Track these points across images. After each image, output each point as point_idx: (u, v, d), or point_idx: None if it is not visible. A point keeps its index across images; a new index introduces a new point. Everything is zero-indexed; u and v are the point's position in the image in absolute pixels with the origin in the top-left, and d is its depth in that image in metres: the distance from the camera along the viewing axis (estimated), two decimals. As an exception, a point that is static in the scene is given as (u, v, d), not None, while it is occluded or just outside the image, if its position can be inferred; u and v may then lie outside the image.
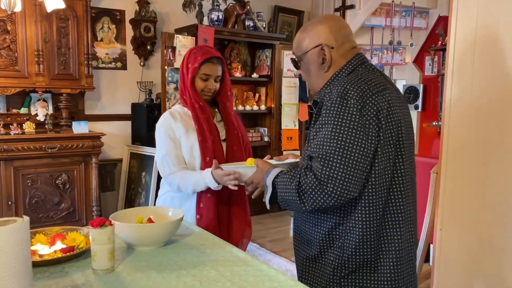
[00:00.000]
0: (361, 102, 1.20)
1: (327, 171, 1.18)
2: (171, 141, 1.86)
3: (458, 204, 1.96)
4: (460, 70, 1.90)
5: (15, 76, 3.52)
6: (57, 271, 1.19)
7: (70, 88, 3.72)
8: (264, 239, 4.07)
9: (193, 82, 1.88)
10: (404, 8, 5.22)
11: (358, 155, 1.19)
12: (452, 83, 1.93)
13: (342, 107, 1.21)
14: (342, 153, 1.18)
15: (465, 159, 1.93)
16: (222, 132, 1.94)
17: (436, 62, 5.07)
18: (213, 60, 1.87)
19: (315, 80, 1.41)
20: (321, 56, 1.35)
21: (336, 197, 1.19)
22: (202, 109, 1.87)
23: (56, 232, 1.40)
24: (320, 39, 1.35)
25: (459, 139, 1.94)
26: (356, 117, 1.19)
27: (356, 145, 1.19)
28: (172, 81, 4.08)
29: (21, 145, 3.39)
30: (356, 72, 1.33)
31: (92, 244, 1.18)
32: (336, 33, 1.36)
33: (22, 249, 0.84)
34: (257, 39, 4.73)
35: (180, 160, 1.86)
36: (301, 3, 5.58)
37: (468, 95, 1.88)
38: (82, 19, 3.72)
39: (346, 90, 1.23)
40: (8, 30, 3.46)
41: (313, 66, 1.38)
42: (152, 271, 1.19)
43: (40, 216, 3.54)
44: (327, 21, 1.39)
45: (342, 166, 1.18)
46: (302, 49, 1.39)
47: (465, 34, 1.87)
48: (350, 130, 1.19)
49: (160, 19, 4.45)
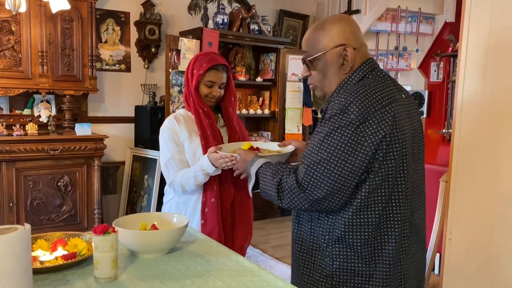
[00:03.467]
0: (361, 118, 1.18)
1: (308, 178, 1.22)
2: (175, 145, 1.88)
3: (468, 214, 1.92)
4: (472, 76, 1.87)
5: (19, 77, 3.50)
6: (58, 279, 1.15)
7: (73, 90, 3.70)
8: (266, 245, 4.02)
9: (197, 88, 1.89)
10: (410, 14, 5.20)
11: (342, 169, 1.19)
12: (463, 90, 1.89)
13: (341, 120, 1.19)
14: (326, 164, 1.20)
15: (475, 168, 1.89)
16: (225, 137, 1.95)
17: (442, 68, 5.04)
18: (218, 68, 1.88)
19: (330, 81, 1.33)
20: (341, 56, 1.29)
21: (311, 203, 1.23)
22: (206, 114, 1.89)
23: (57, 237, 1.36)
24: (342, 38, 1.29)
25: (469, 147, 1.90)
26: (350, 131, 1.18)
27: (341, 159, 1.18)
28: (176, 84, 4.05)
29: (23, 146, 3.36)
30: (366, 80, 1.28)
31: (95, 251, 1.14)
32: (357, 34, 1.32)
33: (22, 259, 0.80)
34: (261, 43, 4.70)
35: (184, 164, 1.87)
36: (306, 8, 5.57)
37: (480, 102, 1.85)
38: (86, 21, 3.70)
39: (348, 103, 1.19)
40: (12, 31, 3.44)
41: (332, 67, 1.31)
42: (156, 280, 1.15)
43: (41, 219, 3.51)
44: (346, 20, 1.33)
45: (322, 177, 1.20)
46: (319, 48, 1.30)
47: (477, 39, 1.83)
48: (339, 144, 1.19)
49: (165, 21, 4.43)
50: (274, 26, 5.06)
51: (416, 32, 5.24)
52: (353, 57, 1.28)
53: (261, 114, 4.88)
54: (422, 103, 5.15)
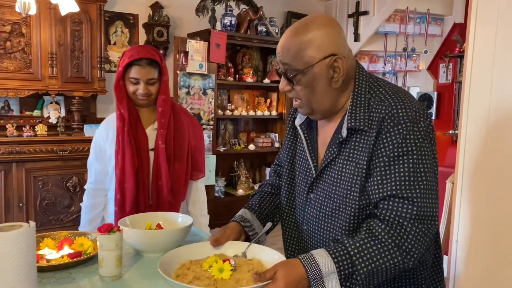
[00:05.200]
0: (427, 124, 1.08)
1: (424, 211, 1.03)
2: (96, 151, 1.90)
3: (475, 215, 1.91)
4: (479, 77, 1.86)
5: (29, 79, 3.54)
6: (63, 277, 1.17)
7: (82, 91, 3.74)
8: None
9: (117, 87, 1.78)
10: (418, 15, 5.17)
11: (436, 186, 1.09)
12: (470, 91, 1.88)
13: (418, 133, 1.06)
14: (429, 188, 1.05)
15: (482, 169, 1.88)
16: (152, 142, 1.83)
17: (451, 70, 5.00)
18: (140, 63, 1.73)
19: (320, 98, 1.13)
20: (331, 68, 1.10)
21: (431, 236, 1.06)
22: (124, 116, 1.78)
23: (64, 236, 1.38)
24: (331, 47, 1.09)
25: (476, 148, 1.89)
26: (426, 142, 1.07)
27: (433, 172, 1.08)
28: (184, 85, 4.08)
29: (33, 147, 3.41)
30: (378, 81, 1.17)
31: (100, 250, 1.16)
32: (344, 39, 1.13)
33: (28, 256, 0.81)
34: (269, 44, 4.71)
35: (100, 174, 1.89)
36: (314, 9, 5.56)
37: (486, 103, 1.83)
38: (95, 23, 3.74)
39: (415, 111, 1.07)
40: (22, 33, 3.49)
41: (321, 81, 1.11)
42: (159, 279, 1.16)
43: (50, 219, 3.55)
44: (333, 23, 1.12)
45: (433, 202, 1.05)
46: (305, 60, 1.09)
47: (484, 40, 1.82)
48: (429, 160, 1.06)
49: (173, 23, 4.45)
50: (281, 27, 5.06)
51: (425, 33, 5.21)
52: (344, 68, 1.10)
53: (269, 115, 4.88)
54: (431, 104, 5.11)
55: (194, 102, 4.12)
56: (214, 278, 1.06)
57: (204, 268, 1.10)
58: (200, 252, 1.21)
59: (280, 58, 1.13)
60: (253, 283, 1.01)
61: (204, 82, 4.21)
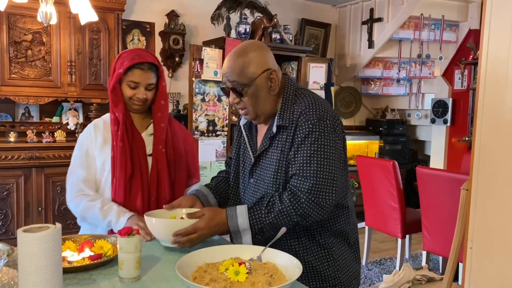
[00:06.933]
0: (333, 122, 1.40)
1: (318, 186, 1.34)
2: (82, 155, 1.77)
3: (489, 222, 1.90)
4: (493, 84, 1.86)
5: (49, 86, 3.64)
6: (85, 278, 1.21)
7: (100, 98, 3.82)
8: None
9: (113, 90, 1.71)
10: (433, 21, 5.15)
11: (336, 169, 1.36)
12: (484, 98, 1.88)
13: (324, 127, 1.37)
14: (325, 169, 1.34)
15: (497, 175, 1.87)
16: (149, 147, 1.77)
17: (466, 76, 4.97)
18: (142, 67, 1.68)
19: (263, 105, 1.45)
20: (269, 79, 1.42)
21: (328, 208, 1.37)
22: (124, 119, 1.71)
23: (84, 239, 1.43)
24: (266, 63, 1.42)
25: (491, 155, 1.89)
26: (331, 135, 1.38)
27: (334, 159, 1.37)
28: (199, 92, 4.13)
29: (52, 153, 3.49)
30: (301, 90, 1.48)
31: (120, 252, 1.19)
32: (273, 58, 1.47)
33: (54, 255, 0.86)
34: (283, 52, 4.74)
35: (85, 183, 1.75)
36: (328, 16, 5.59)
37: (501, 109, 1.83)
38: (113, 31, 3.82)
39: (323, 112, 1.39)
40: (43, 42, 3.59)
41: (263, 90, 1.43)
42: (177, 281, 1.19)
43: (68, 223, 3.61)
44: (264, 46, 1.47)
45: (327, 180, 1.34)
46: (249, 76, 1.40)
47: (498, 47, 1.82)
48: (329, 149, 1.36)
49: (188, 31, 4.52)
50: (295, 34, 5.09)
51: (440, 39, 5.19)
52: (279, 78, 1.44)
53: (283, 122, 4.90)
54: (446, 111, 5.08)
55: (209, 109, 4.17)
56: (230, 280, 1.10)
57: (220, 270, 1.14)
58: (217, 256, 1.25)
59: (228, 77, 1.43)
60: (268, 286, 1.07)
61: (219, 89, 4.26)
